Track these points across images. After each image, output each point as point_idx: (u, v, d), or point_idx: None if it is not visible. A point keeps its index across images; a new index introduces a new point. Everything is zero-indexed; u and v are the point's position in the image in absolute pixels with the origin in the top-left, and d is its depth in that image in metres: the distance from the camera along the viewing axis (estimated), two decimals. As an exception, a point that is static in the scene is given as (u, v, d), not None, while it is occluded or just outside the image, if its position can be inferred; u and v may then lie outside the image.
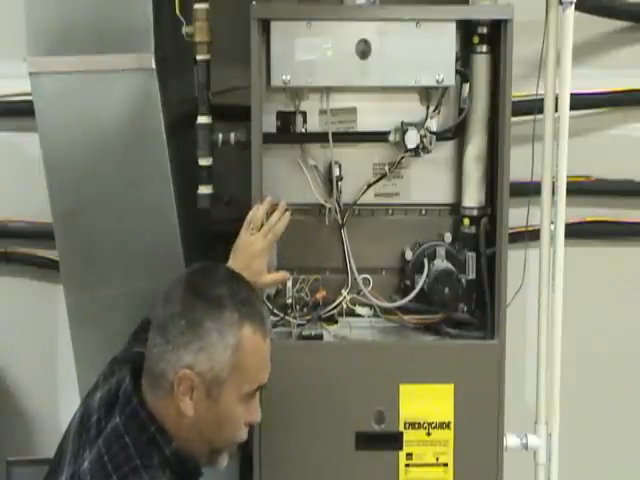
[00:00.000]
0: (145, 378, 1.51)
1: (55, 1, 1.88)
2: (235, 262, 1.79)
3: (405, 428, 1.93)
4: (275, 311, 1.98)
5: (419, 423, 1.93)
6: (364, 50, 1.90)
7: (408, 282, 2.02)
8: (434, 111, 1.97)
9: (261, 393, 1.55)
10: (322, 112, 2.00)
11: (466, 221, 2.00)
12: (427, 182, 2.05)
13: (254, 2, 1.86)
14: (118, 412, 1.49)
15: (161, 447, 1.47)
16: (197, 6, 1.92)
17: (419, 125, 1.96)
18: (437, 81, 1.91)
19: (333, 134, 1.97)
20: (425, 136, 1.94)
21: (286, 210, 1.88)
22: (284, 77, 1.89)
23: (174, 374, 1.45)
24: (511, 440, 2.02)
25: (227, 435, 1.52)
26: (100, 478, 1.44)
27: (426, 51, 1.89)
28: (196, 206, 1.98)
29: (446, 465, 1.94)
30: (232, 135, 1.96)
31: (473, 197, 2.00)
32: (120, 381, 1.55)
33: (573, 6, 1.92)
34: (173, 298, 1.50)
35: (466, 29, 1.95)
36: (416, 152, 1.95)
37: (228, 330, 1.47)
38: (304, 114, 2.00)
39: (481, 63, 1.96)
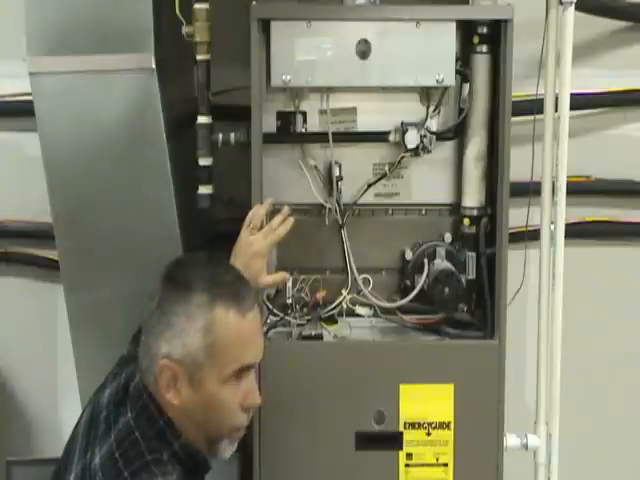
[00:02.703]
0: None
1: (55, 1, 1.88)
2: (235, 262, 1.79)
3: (405, 428, 1.93)
4: (275, 311, 1.98)
5: (419, 423, 1.93)
6: (364, 50, 1.90)
7: (408, 282, 2.01)
8: (434, 111, 1.97)
9: (260, 375, 1.53)
10: (322, 112, 1.99)
11: (466, 221, 2.00)
12: (427, 182, 2.04)
13: (254, 2, 1.86)
14: (129, 408, 1.50)
15: (170, 442, 1.48)
16: (197, 6, 1.91)
17: (419, 125, 1.95)
18: (437, 81, 1.91)
19: (333, 134, 1.97)
20: (425, 136, 1.94)
21: (289, 215, 1.88)
22: (284, 77, 1.89)
23: (156, 366, 1.46)
24: (511, 440, 2.02)
25: (220, 422, 1.50)
26: (112, 474, 1.44)
27: (426, 51, 1.89)
28: (196, 206, 1.98)
29: (446, 465, 1.94)
30: (232, 135, 1.96)
31: (473, 197, 2.00)
32: (128, 377, 1.56)
33: (573, 6, 1.92)
34: (153, 294, 1.51)
35: (466, 29, 1.95)
36: (416, 152, 1.95)
37: (197, 312, 1.46)
38: (304, 114, 2.00)
39: (481, 63, 1.96)
